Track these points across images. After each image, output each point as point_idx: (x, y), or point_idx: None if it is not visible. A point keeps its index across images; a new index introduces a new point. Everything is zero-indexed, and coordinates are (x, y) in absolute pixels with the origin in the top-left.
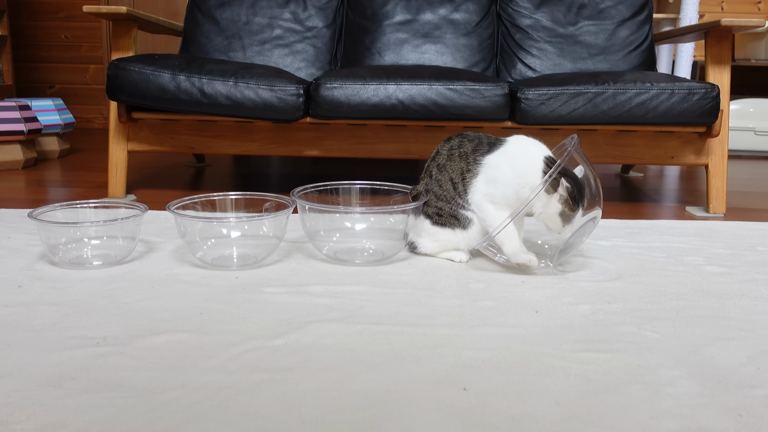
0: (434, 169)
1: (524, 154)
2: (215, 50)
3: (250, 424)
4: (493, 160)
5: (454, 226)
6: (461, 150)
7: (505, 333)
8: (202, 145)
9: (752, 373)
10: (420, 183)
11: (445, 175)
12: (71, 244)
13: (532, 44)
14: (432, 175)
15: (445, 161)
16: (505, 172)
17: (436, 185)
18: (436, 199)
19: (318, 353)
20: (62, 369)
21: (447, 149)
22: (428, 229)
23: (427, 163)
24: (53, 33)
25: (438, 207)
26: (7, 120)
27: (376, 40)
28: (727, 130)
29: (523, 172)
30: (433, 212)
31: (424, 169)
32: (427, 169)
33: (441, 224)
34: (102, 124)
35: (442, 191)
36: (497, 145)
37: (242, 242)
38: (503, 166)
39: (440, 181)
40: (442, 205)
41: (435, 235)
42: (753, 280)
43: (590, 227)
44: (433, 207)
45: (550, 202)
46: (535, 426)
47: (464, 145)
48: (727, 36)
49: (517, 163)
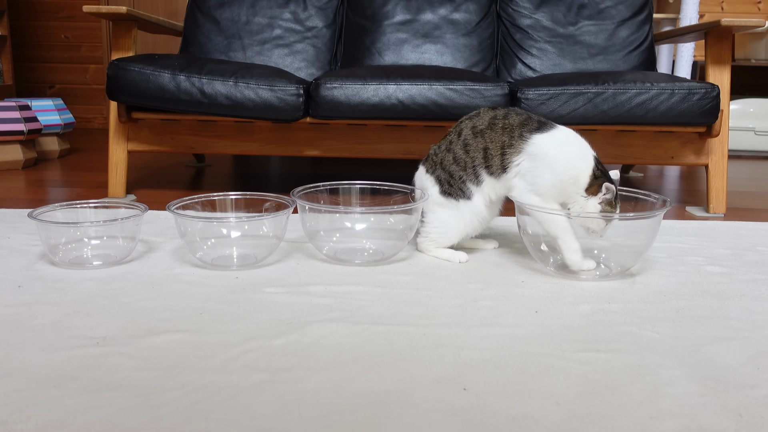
0: (467, 132)
1: (578, 145)
2: (215, 50)
3: (250, 424)
4: (544, 141)
5: (459, 197)
6: (506, 121)
7: (505, 333)
8: (202, 145)
9: (752, 373)
10: (441, 142)
11: (478, 142)
12: (71, 244)
13: (532, 44)
14: (461, 135)
15: (484, 128)
16: (556, 158)
17: (461, 148)
18: (454, 162)
19: (318, 353)
20: (62, 369)
21: (490, 116)
22: (436, 200)
23: (458, 124)
24: (53, 33)
25: (450, 172)
26: (7, 120)
27: (376, 40)
28: (727, 130)
29: (575, 165)
30: (445, 177)
31: (452, 130)
32: (458, 129)
33: (448, 194)
34: (102, 124)
35: (466, 156)
36: (547, 126)
37: (242, 242)
38: (553, 150)
39: (469, 146)
40: (457, 170)
41: (440, 215)
42: (753, 280)
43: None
44: (446, 171)
45: (588, 203)
46: (535, 426)
47: (510, 117)
48: (727, 36)
49: (569, 152)
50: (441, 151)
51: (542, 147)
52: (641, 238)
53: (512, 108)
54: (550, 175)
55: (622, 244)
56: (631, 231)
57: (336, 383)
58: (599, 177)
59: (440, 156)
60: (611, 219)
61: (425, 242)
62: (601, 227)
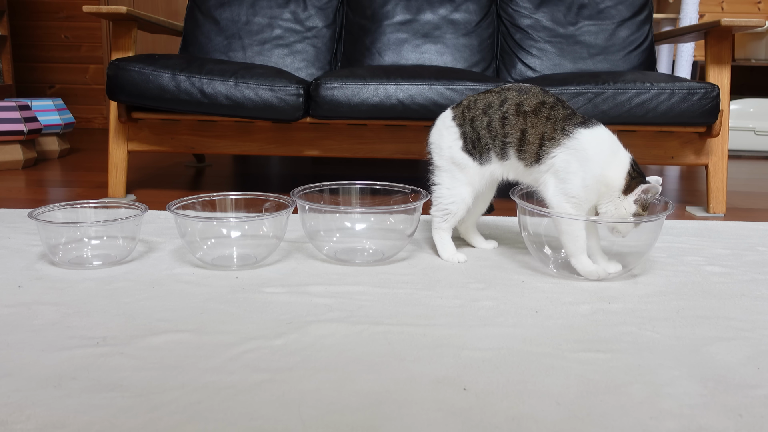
0: (511, 106)
1: (616, 145)
2: (215, 50)
3: (250, 424)
4: (586, 137)
5: (476, 159)
6: (552, 112)
7: (505, 333)
8: (202, 145)
9: (752, 373)
10: (479, 97)
11: (518, 122)
12: (71, 244)
13: (532, 44)
14: (504, 105)
15: (529, 110)
16: (595, 155)
17: (498, 118)
18: (486, 127)
19: (318, 353)
20: (62, 369)
21: (538, 101)
22: (454, 155)
23: (503, 90)
24: (53, 33)
25: (479, 134)
26: (7, 120)
27: (376, 40)
28: (727, 130)
29: (611, 163)
30: (472, 136)
31: (496, 90)
32: (502, 96)
33: (469, 153)
34: (102, 124)
35: (501, 129)
36: (591, 122)
37: (242, 242)
38: (594, 148)
39: (507, 121)
40: (486, 136)
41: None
42: (753, 280)
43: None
44: (475, 131)
45: (622, 203)
46: (535, 426)
47: (557, 109)
48: (727, 36)
49: (609, 151)
50: (477, 108)
51: (583, 143)
52: (643, 240)
53: (560, 99)
54: (583, 173)
55: (623, 245)
56: (634, 232)
57: (336, 383)
58: (635, 177)
59: (473, 113)
60: (639, 222)
61: (437, 215)
62: (627, 229)
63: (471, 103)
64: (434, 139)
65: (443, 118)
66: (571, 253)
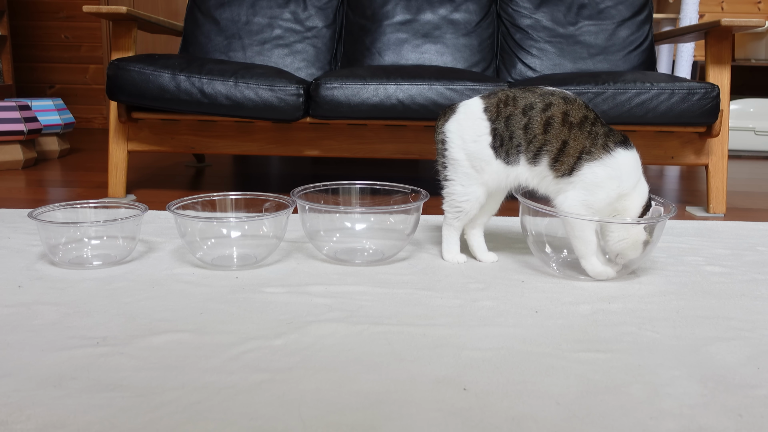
0: (557, 113)
1: (641, 171)
2: (215, 50)
3: (250, 424)
4: (626, 157)
5: (502, 157)
6: (593, 128)
7: (505, 333)
8: (202, 145)
9: (752, 373)
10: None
11: (562, 132)
12: (71, 244)
13: (532, 44)
14: (548, 110)
15: (575, 122)
16: (628, 178)
17: (539, 123)
18: (524, 128)
19: (318, 353)
20: (62, 369)
21: (582, 114)
22: (480, 153)
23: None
24: (53, 33)
25: (512, 133)
26: (7, 120)
27: (376, 40)
28: (727, 130)
29: (636, 188)
30: (505, 134)
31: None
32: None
33: (496, 151)
34: (102, 124)
35: (541, 135)
36: (629, 143)
37: (242, 242)
38: (630, 170)
39: (551, 128)
40: (521, 137)
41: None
42: (753, 280)
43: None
44: (509, 129)
45: (633, 229)
46: (535, 426)
47: (597, 125)
48: (727, 36)
49: (637, 176)
50: (516, 106)
51: (621, 162)
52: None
53: (597, 114)
54: (610, 189)
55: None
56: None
57: (336, 383)
58: (648, 209)
59: (510, 110)
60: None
61: (449, 211)
62: (639, 251)
63: (508, 98)
64: (452, 128)
65: (470, 108)
66: (582, 255)
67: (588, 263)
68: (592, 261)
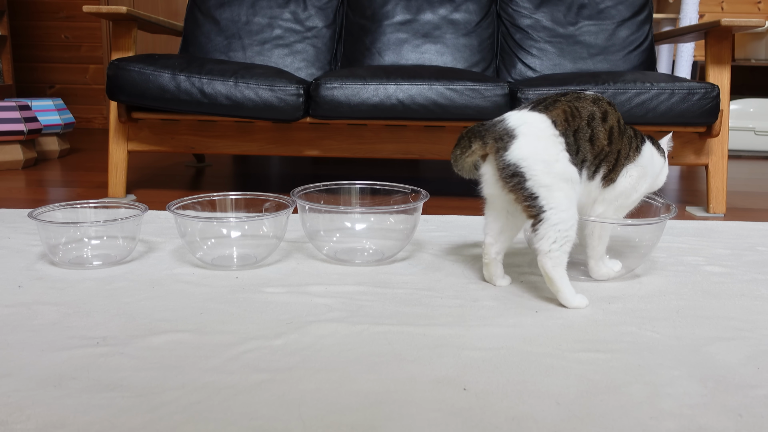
0: (615, 122)
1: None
2: (215, 50)
3: (250, 424)
4: (649, 151)
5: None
6: (627, 131)
7: (505, 333)
8: (202, 145)
9: (752, 373)
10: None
11: (619, 141)
12: (71, 244)
13: (532, 44)
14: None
15: (622, 129)
16: (653, 168)
17: (604, 134)
18: (589, 140)
19: (318, 353)
20: (62, 369)
21: (618, 117)
22: (562, 172)
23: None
24: (53, 33)
25: (579, 147)
26: (7, 120)
27: (376, 40)
28: (727, 130)
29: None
30: (574, 147)
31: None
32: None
33: (576, 165)
34: (102, 124)
35: (607, 146)
36: (645, 137)
37: (242, 242)
38: (649, 162)
39: (613, 138)
40: (587, 150)
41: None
42: (753, 280)
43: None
44: (577, 142)
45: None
46: (535, 426)
47: (627, 127)
48: (727, 36)
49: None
50: (581, 117)
51: (646, 157)
52: (645, 241)
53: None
54: (642, 186)
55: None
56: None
57: (336, 383)
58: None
59: (578, 123)
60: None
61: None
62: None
63: (573, 110)
64: (526, 154)
65: (537, 126)
66: (598, 255)
67: (600, 263)
68: (604, 261)
